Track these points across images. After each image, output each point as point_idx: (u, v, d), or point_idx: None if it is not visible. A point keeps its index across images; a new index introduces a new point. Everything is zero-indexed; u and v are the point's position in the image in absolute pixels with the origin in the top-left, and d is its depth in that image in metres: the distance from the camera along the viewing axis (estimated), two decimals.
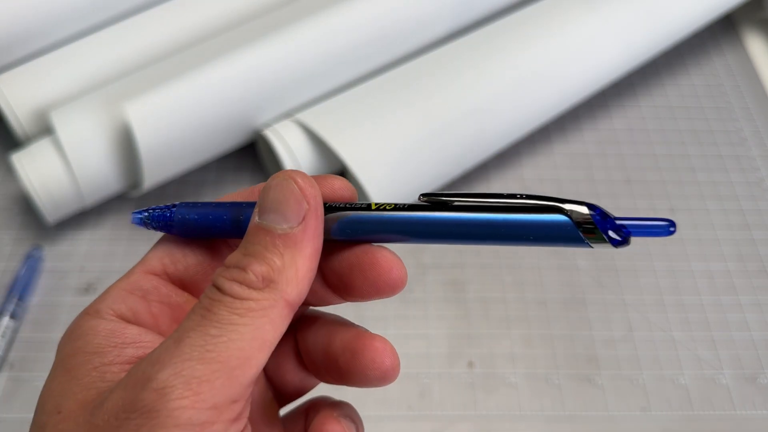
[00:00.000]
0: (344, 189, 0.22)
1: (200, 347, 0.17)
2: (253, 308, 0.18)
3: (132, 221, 0.23)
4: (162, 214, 0.22)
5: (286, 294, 0.19)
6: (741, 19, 0.60)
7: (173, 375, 0.17)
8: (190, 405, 0.17)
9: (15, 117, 0.45)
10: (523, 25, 0.49)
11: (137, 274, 0.22)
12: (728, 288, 0.45)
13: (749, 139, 0.53)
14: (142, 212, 0.22)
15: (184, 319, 0.19)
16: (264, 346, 0.18)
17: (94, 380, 0.19)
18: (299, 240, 0.19)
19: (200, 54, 0.46)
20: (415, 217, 0.21)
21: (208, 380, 0.17)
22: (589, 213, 0.20)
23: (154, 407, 0.17)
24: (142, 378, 0.17)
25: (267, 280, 0.19)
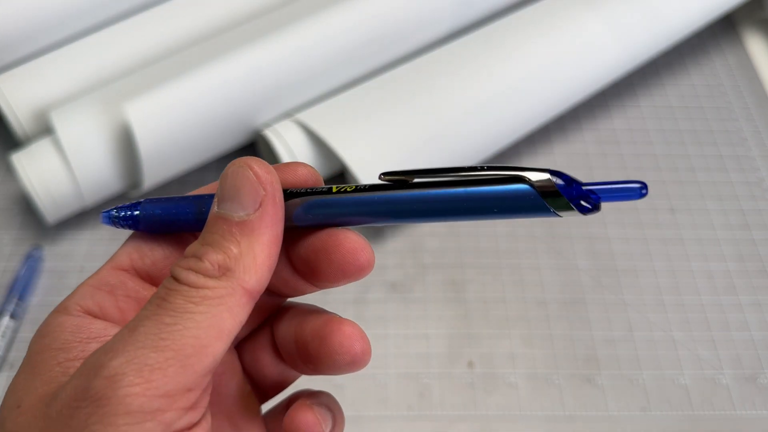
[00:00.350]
0: (308, 175, 0.22)
1: (154, 335, 0.17)
2: (209, 296, 0.18)
3: (101, 221, 0.23)
4: (129, 212, 0.22)
5: (243, 282, 0.19)
6: (741, 19, 0.60)
7: (125, 362, 0.17)
8: (141, 392, 0.16)
9: (15, 117, 0.45)
10: (522, 25, 0.49)
11: (105, 270, 0.22)
12: (728, 288, 0.45)
13: (749, 139, 0.53)
14: (110, 211, 0.23)
15: (140, 310, 0.19)
16: (222, 334, 0.18)
17: (56, 375, 0.19)
18: (256, 227, 0.19)
19: (200, 54, 0.46)
20: (377, 198, 0.21)
21: (160, 368, 0.17)
22: (551, 180, 0.19)
23: (104, 394, 0.16)
24: (95, 366, 0.17)
25: (223, 268, 0.18)
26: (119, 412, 0.16)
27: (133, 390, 0.16)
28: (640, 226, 0.48)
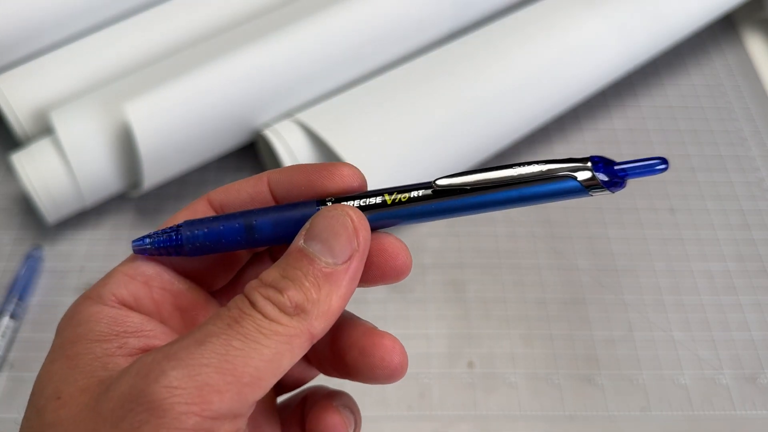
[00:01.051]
0: (353, 177, 0.22)
1: (220, 356, 0.17)
2: (279, 332, 0.18)
3: (134, 252, 0.22)
4: (168, 238, 0.21)
5: (312, 327, 0.19)
6: (741, 19, 0.60)
7: (187, 377, 0.17)
8: (197, 412, 0.17)
9: (15, 117, 0.45)
10: (522, 25, 0.49)
11: (139, 259, 0.22)
12: (728, 288, 0.45)
13: (749, 139, 0.53)
14: (143, 239, 0.22)
15: (207, 319, 0.19)
16: (278, 371, 0.18)
17: (95, 369, 0.19)
18: (340, 278, 0.19)
19: (200, 54, 0.46)
20: (434, 207, 0.21)
21: (219, 391, 0.17)
22: (596, 177, 0.20)
23: (161, 405, 0.16)
24: (155, 370, 0.17)
25: (299, 309, 0.19)
26: (173, 426, 0.16)
27: (190, 408, 0.17)
28: (640, 226, 0.48)
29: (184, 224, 0.22)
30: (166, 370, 0.17)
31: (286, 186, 0.22)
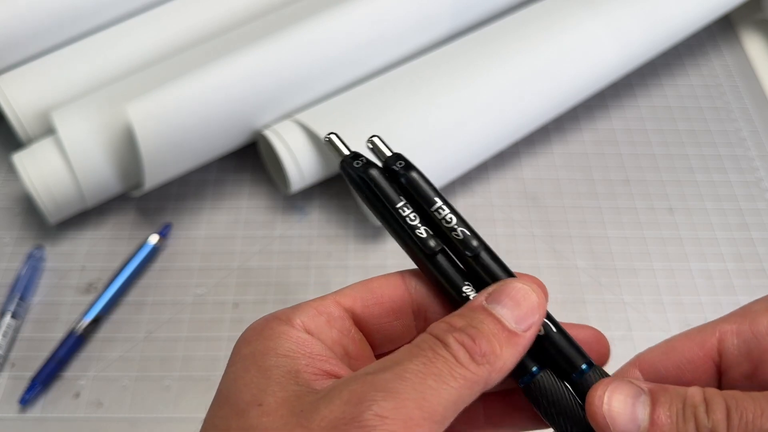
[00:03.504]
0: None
1: (419, 392, 0.19)
2: (466, 377, 0.20)
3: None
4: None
5: (490, 379, 0.20)
6: (739, 19, 0.60)
7: (395, 408, 0.19)
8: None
9: (17, 117, 0.45)
10: (521, 26, 0.50)
11: (330, 300, 0.24)
12: (727, 287, 0.46)
13: (748, 139, 0.53)
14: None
15: (400, 354, 0.20)
16: (456, 412, 0.20)
17: (288, 382, 0.21)
18: (519, 343, 0.21)
19: (201, 55, 0.46)
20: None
21: (418, 425, 0.19)
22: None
23: (373, 431, 0.18)
24: (365, 399, 0.19)
25: (484, 359, 0.20)
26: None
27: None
28: (639, 225, 0.48)
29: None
30: (378, 400, 0.19)
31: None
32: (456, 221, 0.24)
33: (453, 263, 0.24)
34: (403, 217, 0.24)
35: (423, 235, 0.24)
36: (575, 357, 0.23)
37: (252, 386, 0.21)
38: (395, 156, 0.25)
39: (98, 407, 0.40)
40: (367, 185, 0.24)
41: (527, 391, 0.23)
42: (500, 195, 0.49)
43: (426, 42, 0.50)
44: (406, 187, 0.24)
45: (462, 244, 0.24)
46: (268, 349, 0.22)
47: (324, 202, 0.48)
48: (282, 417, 0.20)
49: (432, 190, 0.24)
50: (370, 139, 0.25)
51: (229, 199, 0.49)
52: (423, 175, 0.24)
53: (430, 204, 0.24)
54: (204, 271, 0.45)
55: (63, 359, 0.41)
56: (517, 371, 0.22)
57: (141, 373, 0.41)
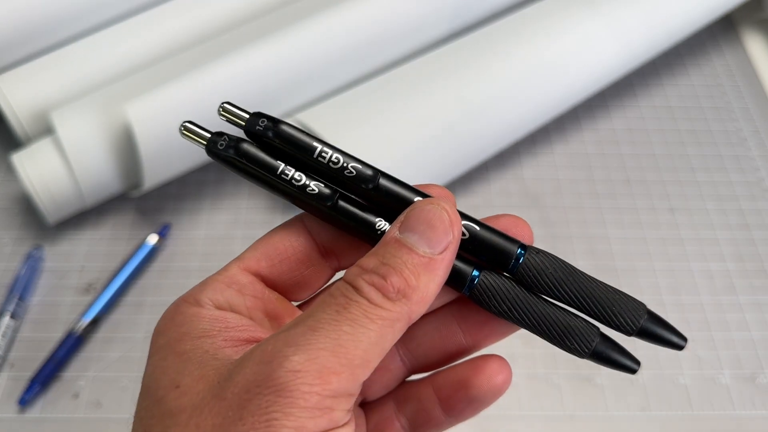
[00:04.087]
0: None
1: (333, 340, 0.19)
2: (383, 317, 0.20)
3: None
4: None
5: (411, 312, 0.20)
6: (740, 19, 0.60)
7: (308, 360, 0.18)
8: (318, 391, 0.18)
9: (15, 117, 0.45)
10: (522, 25, 0.49)
11: (234, 269, 0.23)
12: (728, 288, 0.45)
13: (748, 139, 0.53)
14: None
15: (314, 307, 0.20)
16: (382, 352, 0.20)
17: (207, 359, 0.20)
18: (437, 267, 0.21)
19: (201, 55, 0.46)
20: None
21: (336, 372, 0.19)
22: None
23: (287, 387, 0.18)
24: (277, 356, 0.19)
25: (401, 294, 0.20)
26: (299, 405, 0.18)
27: (313, 388, 0.18)
28: (640, 225, 0.48)
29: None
30: (288, 355, 0.19)
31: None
32: (343, 159, 0.23)
33: (356, 203, 0.23)
34: (288, 180, 0.22)
35: (315, 191, 0.22)
36: (507, 247, 0.23)
37: (170, 372, 0.20)
38: (255, 116, 0.23)
39: (97, 408, 0.40)
40: (242, 162, 0.23)
41: (474, 298, 0.23)
42: (501, 195, 0.49)
43: (426, 42, 0.50)
44: (278, 144, 0.23)
45: (358, 180, 0.23)
46: (182, 335, 0.21)
47: None
48: (199, 393, 0.19)
49: (307, 136, 0.23)
50: (222, 107, 0.23)
51: (228, 199, 0.49)
52: (291, 124, 0.23)
53: (310, 152, 0.22)
54: (203, 272, 0.45)
55: (62, 360, 0.41)
56: (457, 282, 0.22)
57: (140, 373, 0.41)
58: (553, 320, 0.22)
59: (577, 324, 0.23)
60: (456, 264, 0.22)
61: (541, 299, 0.23)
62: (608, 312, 0.23)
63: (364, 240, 0.23)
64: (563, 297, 0.23)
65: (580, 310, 0.23)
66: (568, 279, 0.23)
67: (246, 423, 0.18)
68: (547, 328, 0.23)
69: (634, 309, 0.23)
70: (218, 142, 0.23)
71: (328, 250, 0.24)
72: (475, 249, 0.23)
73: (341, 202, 0.23)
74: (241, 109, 0.23)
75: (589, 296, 0.23)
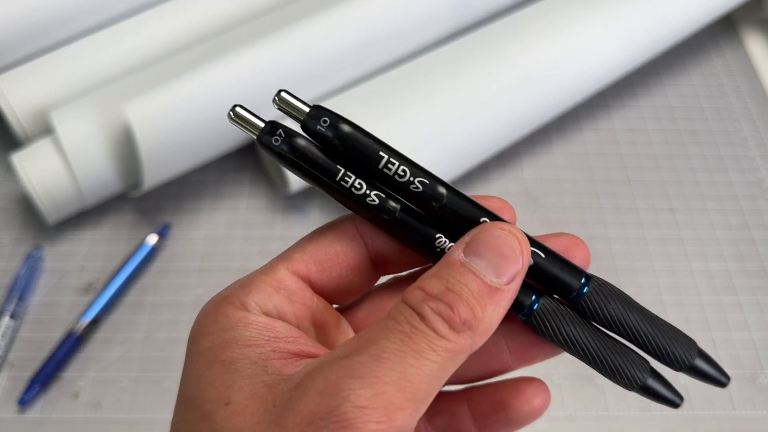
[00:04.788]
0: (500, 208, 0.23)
1: (399, 373, 0.18)
2: (447, 349, 0.19)
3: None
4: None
5: (475, 344, 0.19)
6: (741, 19, 0.60)
7: (374, 396, 0.18)
8: (385, 429, 0.18)
9: (15, 117, 0.45)
10: (523, 25, 0.49)
11: (282, 271, 0.22)
12: (728, 288, 0.45)
13: (749, 139, 0.53)
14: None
15: (377, 332, 0.19)
16: (441, 384, 0.19)
17: (256, 373, 0.19)
18: (503, 297, 0.20)
19: (200, 54, 0.46)
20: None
21: (401, 408, 0.18)
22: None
23: (354, 423, 0.17)
24: (343, 388, 0.18)
25: (466, 325, 0.19)
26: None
27: (380, 426, 0.18)
28: (640, 226, 0.48)
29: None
30: (355, 389, 0.18)
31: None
32: (410, 172, 0.21)
33: (417, 216, 0.21)
34: (348, 188, 0.21)
35: (376, 203, 0.21)
36: (572, 277, 0.21)
37: (217, 384, 0.19)
38: (315, 111, 0.21)
39: (97, 408, 0.40)
40: (297, 161, 0.21)
41: (530, 324, 0.22)
42: (501, 195, 0.49)
43: (427, 41, 0.50)
44: (341, 147, 0.21)
45: (425, 196, 0.21)
46: (229, 341, 0.20)
47: (324, 202, 0.48)
48: (253, 415, 0.18)
49: (374, 142, 0.21)
50: (279, 96, 0.21)
51: (228, 199, 0.49)
52: (357, 126, 0.21)
53: (375, 162, 0.21)
54: (203, 272, 0.45)
55: (62, 360, 0.41)
56: (515, 306, 0.21)
57: (140, 373, 0.41)
58: (607, 353, 0.22)
59: (630, 359, 0.22)
60: None
61: (597, 329, 0.22)
62: (662, 348, 0.22)
63: (419, 253, 0.22)
64: (620, 330, 0.22)
65: (634, 343, 0.22)
66: (627, 313, 0.22)
67: None
68: (600, 360, 0.22)
69: (686, 346, 0.22)
70: (273, 135, 0.21)
71: (380, 256, 0.23)
72: (538, 276, 0.21)
73: (402, 213, 0.21)
74: (300, 101, 0.21)
75: (646, 331, 0.22)
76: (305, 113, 0.21)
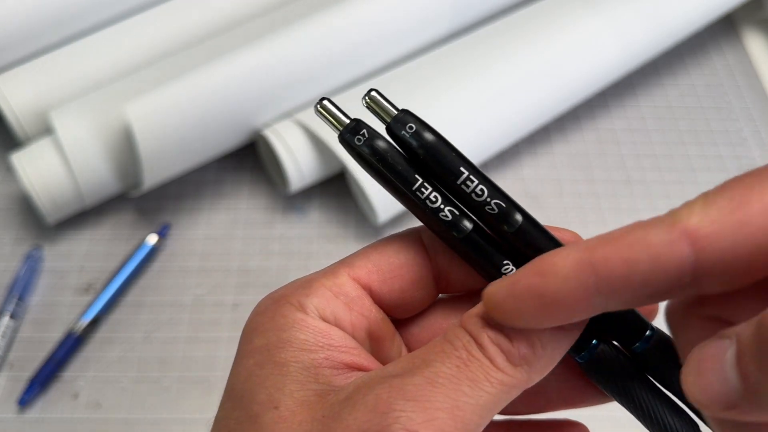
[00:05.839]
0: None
1: (452, 401, 0.18)
2: (503, 383, 0.18)
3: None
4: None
5: (530, 380, 0.19)
6: (741, 19, 0.60)
7: (426, 422, 0.17)
8: None
9: (15, 117, 0.45)
10: (523, 25, 0.49)
11: (344, 276, 0.21)
12: None
13: (749, 139, 0.53)
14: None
15: (432, 354, 0.19)
16: (492, 416, 0.19)
17: (307, 379, 0.19)
18: (566, 337, 0.19)
19: (200, 54, 0.46)
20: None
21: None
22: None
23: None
24: (393, 408, 0.17)
25: (524, 361, 0.18)
26: None
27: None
28: None
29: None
30: (407, 411, 0.17)
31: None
32: (488, 193, 0.20)
33: (487, 237, 0.21)
34: (423, 200, 0.20)
35: (448, 218, 0.20)
36: (636, 326, 0.20)
37: (268, 385, 0.19)
38: (402, 116, 0.21)
39: (97, 408, 0.40)
40: (376, 164, 0.20)
41: (585, 368, 0.21)
42: None
43: (426, 41, 0.50)
44: (422, 156, 0.20)
45: (498, 219, 0.20)
46: (283, 342, 0.19)
47: (324, 202, 0.48)
48: (301, 424, 0.18)
49: (456, 157, 0.20)
50: (369, 96, 0.21)
51: (228, 199, 0.49)
52: (441, 137, 0.21)
53: (455, 176, 0.20)
54: (203, 272, 0.45)
55: (62, 360, 0.41)
56: (574, 348, 0.20)
57: (140, 373, 0.41)
58: (659, 411, 0.21)
59: (683, 419, 0.21)
60: None
61: (653, 384, 0.21)
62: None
63: (484, 276, 0.21)
64: (673, 388, 0.21)
65: (685, 402, 0.21)
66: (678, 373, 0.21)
67: None
68: (650, 415, 0.21)
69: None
70: (356, 134, 0.21)
71: (443, 273, 0.22)
72: (604, 320, 0.20)
73: (472, 233, 0.20)
74: (390, 102, 0.21)
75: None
76: (392, 116, 0.21)
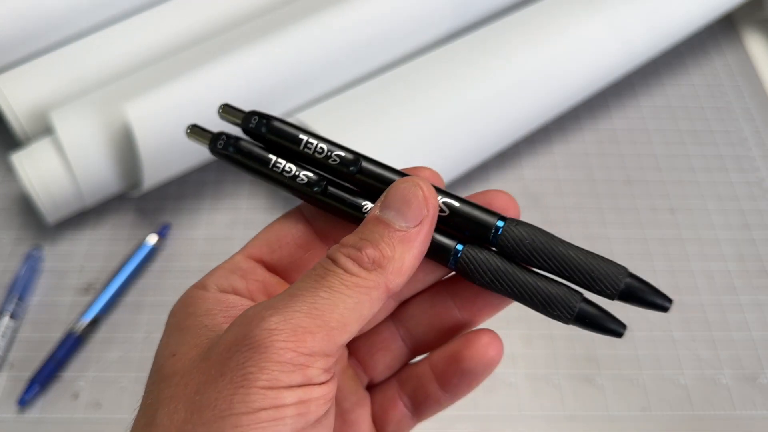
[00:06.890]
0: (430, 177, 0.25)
1: (310, 304, 0.20)
2: (359, 284, 0.21)
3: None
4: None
5: (388, 281, 0.21)
6: (741, 19, 0.60)
7: (283, 321, 0.20)
8: (292, 348, 0.19)
9: (15, 117, 0.45)
10: (523, 25, 0.49)
11: (238, 257, 0.25)
12: (728, 288, 0.45)
13: (749, 138, 0.53)
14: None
15: (297, 280, 0.21)
16: (360, 318, 0.21)
17: (205, 332, 0.22)
18: (412, 239, 0.22)
19: (200, 54, 0.46)
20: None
21: (310, 332, 0.20)
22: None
23: (262, 343, 0.19)
24: (256, 318, 0.20)
25: (376, 264, 0.21)
26: (273, 359, 0.19)
27: (287, 345, 0.19)
28: (640, 225, 0.48)
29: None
30: (265, 316, 0.20)
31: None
32: (327, 148, 0.24)
33: (344, 188, 0.24)
34: (280, 172, 0.24)
35: (304, 181, 0.24)
36: (487, 220, 0.24)
37: (171, 344, 0.22)
38: (249, 115, 0.25)
39: (97, 408, 0.40)
40: (240, 158, 0.25)
41: (460, 271, 0.24)
42: None
43: (427, 41, 0.50)
44: (273, 138, 0.24)
45: (342, 165, 0.24)
46: (188, 315, 0.23)
47: None
48: (191, 359, 0.21)
49: (294, 129, 0.24)
50: (222, 107, 0.25)
51: (228, 199, 0.49)
52: (281, 119, 0.25)
53: (297, 143, 0.24)
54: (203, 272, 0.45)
55: (62, 360, 0.41)
56: (442, 256, 0.23)
57: (140, 373, 0.41)
58: (535, 288, 0.23)
59: (559, 291, 0.23)
60: (441, 239, 0.23)
61: (524, 269, 0.24)
62: (588, 277, 0.23)
63: (353, 222, 0.24)
64: (544, 265, 0.24)
65: (561, 276, 0.24)
66: (547, 247, 0.24)
67: (225, 378, 0.19)
68: (530, 296, 0.23)
69: (614, 273, 0.24)
70: (218, 141, 0.25)
71: (326, 235, 0.25)
72: (456, 224, 0.24)
73: (331, 188, 0.24)
74: (238, 110, 0.25)
75: (569, 262, 0.23)
76: (242, 118, 0.25)
